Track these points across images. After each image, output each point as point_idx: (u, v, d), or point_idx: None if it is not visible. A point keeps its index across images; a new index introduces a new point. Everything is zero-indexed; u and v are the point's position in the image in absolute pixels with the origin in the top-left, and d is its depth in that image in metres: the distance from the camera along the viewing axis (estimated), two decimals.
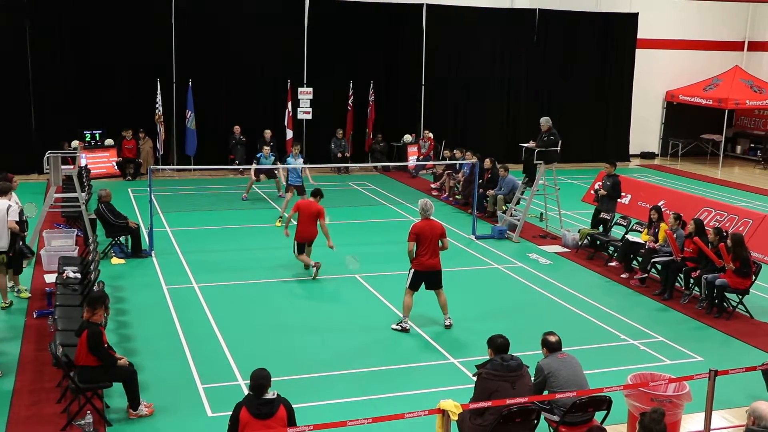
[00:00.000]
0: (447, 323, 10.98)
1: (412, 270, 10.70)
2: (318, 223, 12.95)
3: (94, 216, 14.09)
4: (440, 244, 10.73)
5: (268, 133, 21.13)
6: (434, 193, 20.45)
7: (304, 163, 18.46)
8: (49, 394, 8.53)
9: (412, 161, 23.25)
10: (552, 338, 7.63)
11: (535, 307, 12.16)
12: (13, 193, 11.46)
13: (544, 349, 7.66)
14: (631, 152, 27.79)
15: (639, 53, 26.90)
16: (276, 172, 19.15)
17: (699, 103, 26.84)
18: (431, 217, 10.75)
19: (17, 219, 10.86)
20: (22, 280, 11.74)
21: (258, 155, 18.83)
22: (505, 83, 25.78)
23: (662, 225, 13.17)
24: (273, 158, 18.89)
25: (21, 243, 11.14)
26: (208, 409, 8.42)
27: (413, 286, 10.74)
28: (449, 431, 6.38)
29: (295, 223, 13.13)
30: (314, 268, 13.10)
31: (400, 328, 10.82)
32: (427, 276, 10.71)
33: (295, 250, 13.20)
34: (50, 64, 21.30)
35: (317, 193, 13.27)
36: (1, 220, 10.77)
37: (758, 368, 8.34)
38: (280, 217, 16.93)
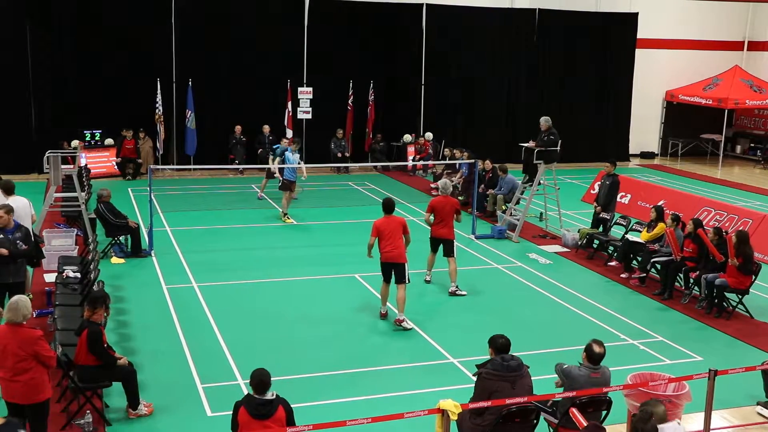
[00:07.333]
0: (452, 289, 12.40)
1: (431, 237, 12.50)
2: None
3: (93, 215, 14.09)
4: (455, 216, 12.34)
5: (266, 128, 21.07)
6: (434, 192, 20.41)
7: (300, 157, 17.54)
8: None
9: (411, 161, 23.25)
10: (597, 348, 7.29)
11: (535, 306, 12.16)
12: None
13: (583, 354, 7.40)
14: (630, 152, 27.79)
15: (639, 53, 26.89)
16: (274, 171, 18.12)
17: (699, 102, 26.82)
18: (448, 195, 12.52)
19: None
20: None
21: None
22: (505, 83, 25.76)
23: (660, 224, 13.18)
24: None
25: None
26: (207, 408, 8.43)
27: (432, 249, 12.60)
28: (449, 431, 6.38)
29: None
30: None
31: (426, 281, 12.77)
32: (439, 242, 12.39)
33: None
34: (50, 64, 21.28)
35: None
36: (26, 216, 10.82)
37: (758, 368, 8.35)
38: (285, 213, 16.91)
